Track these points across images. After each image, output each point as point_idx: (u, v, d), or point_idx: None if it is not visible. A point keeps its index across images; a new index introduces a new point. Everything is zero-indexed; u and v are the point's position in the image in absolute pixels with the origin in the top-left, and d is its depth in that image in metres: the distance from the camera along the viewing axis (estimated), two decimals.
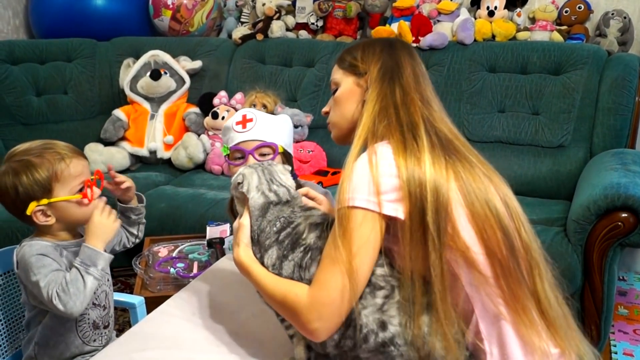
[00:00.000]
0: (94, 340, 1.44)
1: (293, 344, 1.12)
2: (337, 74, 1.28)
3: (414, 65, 1.21)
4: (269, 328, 1.26)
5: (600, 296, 2.02)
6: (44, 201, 1.32)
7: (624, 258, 2.84)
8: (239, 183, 1.18)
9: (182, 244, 2.21)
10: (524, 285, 1.03)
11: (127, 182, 1.54)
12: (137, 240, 1.61)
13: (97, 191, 1.40)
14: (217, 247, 2.04)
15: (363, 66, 1.22)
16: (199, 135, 3.17)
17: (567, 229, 2.10)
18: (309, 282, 1.03)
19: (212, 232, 2.16)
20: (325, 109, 1.34)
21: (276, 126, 1.58)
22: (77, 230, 1.45)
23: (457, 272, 1.01)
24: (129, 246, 1.60)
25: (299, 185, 1.66)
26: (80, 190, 1.36)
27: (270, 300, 1.08)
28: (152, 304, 1.51)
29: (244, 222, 1.14)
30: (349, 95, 1.23)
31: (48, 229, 1.37)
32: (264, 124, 1.55)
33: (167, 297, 1.43)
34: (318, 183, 2.63)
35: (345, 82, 1.25)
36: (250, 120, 1.55)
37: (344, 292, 0.96)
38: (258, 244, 1.12)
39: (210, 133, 3.17)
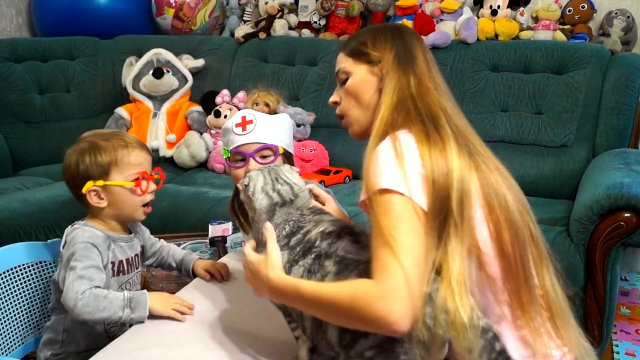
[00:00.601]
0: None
1: (297, 345, 1.12)
2: (346, 63, 1.23)
3: (424, 52, 1.19)
4: (271, 326, 1.26)
5: (603, 296, 2.01)
6: (100, 182, 1.38)
7: (627, 258, 2.84)
8: (245, 185, 1.17)
9: (184, 242, 2.21)
10: (532, 283, 1.02)
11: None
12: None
13: (152, 186, 1.45)
14: (219, 246, 2.04)
15: (376, 54, 1.18)
16: (201, 133, 3.17)
17: (570, 228, 2.09)
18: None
19: (214, 230, 2.16)
20: (334, 99, 1.28)
21: (276, 127, 1.57)
22: (127, 225, 1.49)
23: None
24: None
25: None
26: (136, 180, 1.40)
27: (335, 307, 0.95)
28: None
29: (272, 245, 1.08)
30: (364, 85, 1.19)
31: (100, 212, 1.41)
32: (263, 125, 1.54)
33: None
34: (320, 182, 2.63)
35: (357, 72, 1.20)
36: (250, 122, 1.54)
37: (410, 272, 0.90)
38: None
39: (213, 131, 3.17)
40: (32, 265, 1.53)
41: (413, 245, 0.93)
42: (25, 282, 1.51)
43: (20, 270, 1.50)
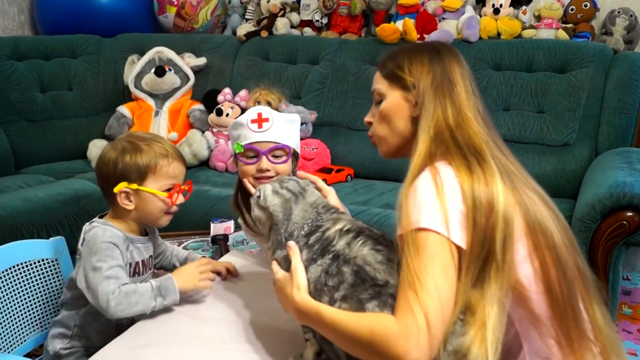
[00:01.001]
0: None
1: (305, 345, 1.11)
2: (382, 85, 1.19)
3: (463, 75, 1.14)
4: (273, 325, 1.26)
5: (605, 295, 2.00)
6: (134, 185, 1.37)
7: (629, 257, 2.83)
8: (257, 197, 1.18)
9: (186, 241, 2.21)
10: (580, 319, 1.00)
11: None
12: None
13: (181, 198, 1.45)
14: (221, 244, 2.04)
15: (411, 79, 1.13)
16: (203, 132, 3.17)
17: (572, 227, 2.08)
18: (333, 288, 1.01)
19: (216, 228, 2.16)
20: (368, 119, 1.25)
21: (290, 127, 1.57)
22: (144, 227, 1.49)
23: (508, 308, 0.96)
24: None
25: None
26: (168, 190, 1.41)
27: (353, 338, 0.95)
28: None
29: (297, 265, 1.07)
30: (397, 111, 1.16)
31: (124, 213, 1.41)
32: (279, 125, 1.54)
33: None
34: (322, 180, 2.62)
35: (391, 96, 1.17)
36: (267, 120, 1.53)
37: (433, 316, 0.88)
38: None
39: (215, 130, 3.17)
40: (35, 263, 1.53)
41: (440, 288, 0.91)
42: (27, 279, 1.51)
43: (23, 268, 1.50)
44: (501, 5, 3.02)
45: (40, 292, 1.54)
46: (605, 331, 1.03)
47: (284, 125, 1.55)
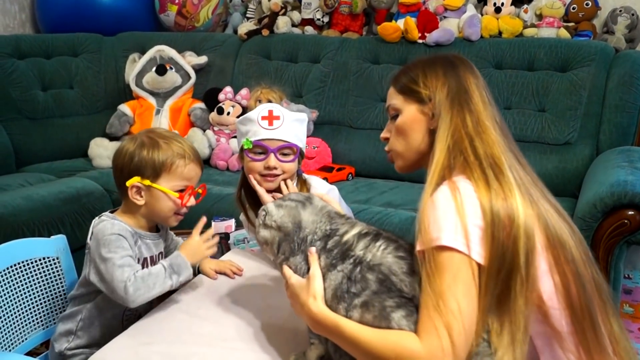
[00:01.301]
0: None
1: (309, 347, 1.11)
2: (397, 100, 1.19)
3: (478, 85, 1.13)
4: (275, 323, 1.26)
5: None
6: (147, 181, 1.37)
7: (630, 256, 2.82)
8: (264, 215, 1.15)
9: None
10: (600, 333, 1.00)
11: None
12: None
13: (192, 201, 1.45)
14: (222, 242, 2.04)
15: (426, 92, 1.13)
16: (204, 130, 3.17)
17: None
18: (354, 294, 0.99)
19: (217, 227, 2.16)
20: (384, 135, 1.24)
21: (298, 126, 1.58)
22: (154, 223, 1.48)
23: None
24: None
25: (303, 181, 1.66)
26: (180, 191, 1.40)
27: (376, 356, 0.95)
28: (158, 298, 1.51)
29: (316, 272, 1.06)
30: (413, 125, 1.15)
31: (134, 208, 1.41)
32: (289, 124, 1.54)
33: (173, 291, 1.43)
34: (323, 179, 2.62)
35: (407, 110, 1.16)
36: (277, 118, 1.53)
37: (457, 338, 0.89)
38: (301, 253, 1.10)
39: (216, 128, 3.17)
40: (36, 262, 1.53)
41: (463, 309, 0.91)
42: (28, 278, 1.51)
43: (24, 266, 1.50)
44: (502, 4, 3.02)
45: (41, 290, 1.54)
46: (623, 343, 1.03)
47: (294, 124, 1.56)
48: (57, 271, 1.58)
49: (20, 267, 1.49)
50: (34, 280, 1.52)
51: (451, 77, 1.13)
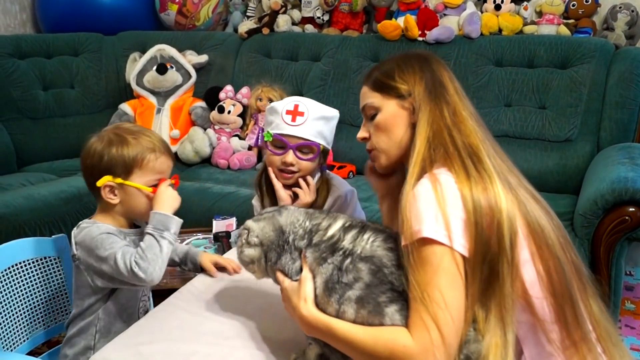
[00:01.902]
0: None
1: (307, 347, 1.11)
2: (374, 98, 1.19)
3: (452, 79, 1.16)
4: (275, 322, 1.26)
5: (607, 291, 2.01)
6: (118, 180, 1.34)
7: (631, 252, 2.82)
8: (247, 234, 1.15)
9: (188, 238, 2.22)
10: (581, 319, 1.00)
11: None
12: None
13: None
14: (223, 241, 2.05)
15: (404, 86, 1.14)
16: (205, 129, 3.17)
17: (574, 223, 2.09)
18: (346, 285, 0.99)
19: (218, 226, 2.17)
20: (362, 135, 1.24)
21: (324, 124, 1.55)
22: (133, 221, 1.46)
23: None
24: None
25: (325, 179, 1.65)
26: (154, 186, 1.37)
27: (369, 354, 0.95)
28: (159, 297, 1.51)
29: (307, 275, 1.05)
30: (395, 120, 1.16)
31: (109, 208, 1.38)
32: (313, 121, 1.52)
33: (174, 290, 1.43)
34: None
35: (387, 107, 1.16)
36: (302, 114, 1.52)
37: (446, 329, 0.90)
38: (287, 253, 1.11)
39: (217, 127, 3.17)
40: (37, 261, 1.53)
41: (449, 300, 0.92)
42: (30, 277, 1.51)
43: (25, 265, 1.51)
44: (502, 1, 3.01)
45: (42, 290, 1.54)
46: (603, 323, 1.04)
47: (318, 122, 1.54)
48: (58, 271, 1.58)
49: (21, 267, 1.50)
50: (35, 279, 1.52)
51: (427, 71, 1.15)
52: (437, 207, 0.95)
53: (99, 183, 1.34)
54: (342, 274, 1.01)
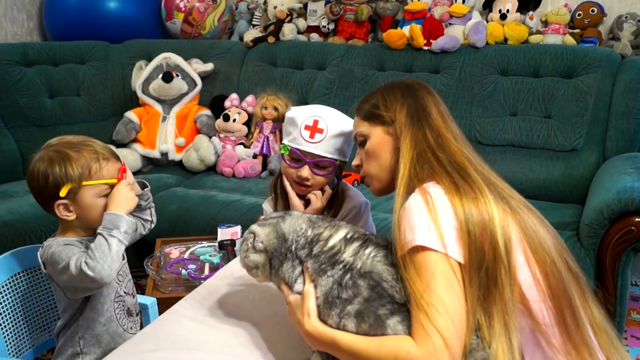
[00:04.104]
0: (131, 328, 1.47)
1: (311, 356, 1.11)
2: (362, 127, 1.28)
3: (437, 104, 1.21)
4: (280, 330, 1.26)
5: (613, 301, 2.00)
6: (69, 197, 1.32)
7: (637, 263, 2.82)
8: (252, 239, 1.16)
9: (193, 246, 2.22)
10: (581, 323, 1.01)
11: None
12: (152, 226, 1.58)
13: None
14: (228, 249, 2.05)
15: (388, 114, 1.22)
16: (210, 137, 3.18)
17: (580, 233, 2.08)
18: (346, 300, 1.00)
19: (223, 234, 2.17)
20: (356, 162, 1.34)
21: (342, 140, 1.54)
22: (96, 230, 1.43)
23: None
24: (144, 233, 1.57)
25: (342, 190, 1.64)
26: (107, 195, 1.36)
27: None
28: (164, 305, 1.51)
29: (310, 289, 1.06)
30: (382, 146, 1.23)
31: (69, 225, 1.38)
32: (332, 138, 1.52)
33: (179, 298, 1.43)
34: None
35: (374, 134, 1.25)
36: (321, 131, 1.51)
37: (448, 333, 0.91)
38: (289, 261, 1.11)
39: (222, 135, 3.18)
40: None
41: (448, 304, 0.93)
42: (36, 284, 1.51)
43: (31, 273, 1.51)
44: (508, 11, 3.02)
45: (48, 297, 1.54)
46: (604, 328, 1.04)
47: (337, 139, 1.53)
48: None
49: (27, 274, 1.50)
50: (41, 286, 1.53)
51: (409, 97, 1.22)
52: (429, 217, 0.98)
53: (62, 193, 1.31)
54: (342, 290, 1.02)
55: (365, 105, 1.29)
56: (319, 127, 1.51)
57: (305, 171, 1.52)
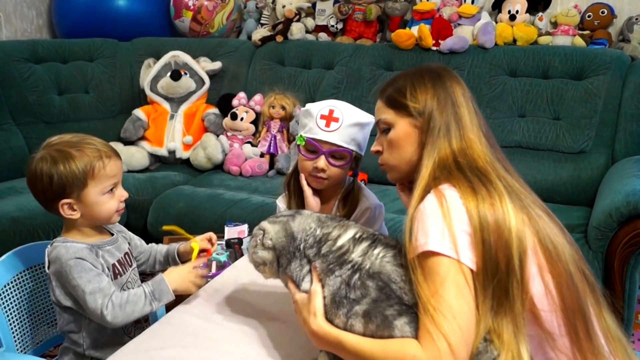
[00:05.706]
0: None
1: (319, 355, 1.11)
2: (387, 114, 1.21)
3: (465, 96, 1.16)
4: (287, 329, 1.26)
5: (621, 304, 1.99)
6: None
7: None
8: (262, 235, 1.16)
9: None
10: (592, 332, 1.00)
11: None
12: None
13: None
14: (235, 248, 2.05)
15: (416, 105, 1.15)
16: (217, 135, 3.18)
17: (588, 235, 2.07)
18: (354, 300, 1.00)
19: (230, 232, 2.17)
20: (376, 148, 1.27)
21: (358, 130, 1.54)
22: (103, 227, 1.44)
23: None
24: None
25: (358, 188, 1.64)
26: (111, 190, 1.36)
27: None
28: (171, 303, 1.51)
29: (317, 289, 1.06)
30: (407, 138, 1.18)
31: (73, 224, 1.37)
32: (348, 127, 1.52)
33: (186, 296, 1.43)
34: None
35: (399, 124, 1.18)
36: (336, 120, 1.51)
37: (454, 339, 0.90)
38: (297, 259, 1.11)
39: (229, 134, 3.18)
40: None
41: (456, 310, 0.92)
42: (42, 281, 1.51)
43: (40, 269, 1.51)
44: (517, 12, 3.01)
45: None
46: (617, 336, 1.04)
47: (352, 129, 1.53)
48: None
49: (35, 270, 1.50)
50: (48, 283, 1.53)
51: (440, 89, 1.16)
52: (444, 222, 0.97)
53: (59, 203, 1.31)
54: (350, 290, 1.02)
55: (392, 91, 1.21)
56: (335, 115, 1.51)
57: (321, 161, 1.52)
